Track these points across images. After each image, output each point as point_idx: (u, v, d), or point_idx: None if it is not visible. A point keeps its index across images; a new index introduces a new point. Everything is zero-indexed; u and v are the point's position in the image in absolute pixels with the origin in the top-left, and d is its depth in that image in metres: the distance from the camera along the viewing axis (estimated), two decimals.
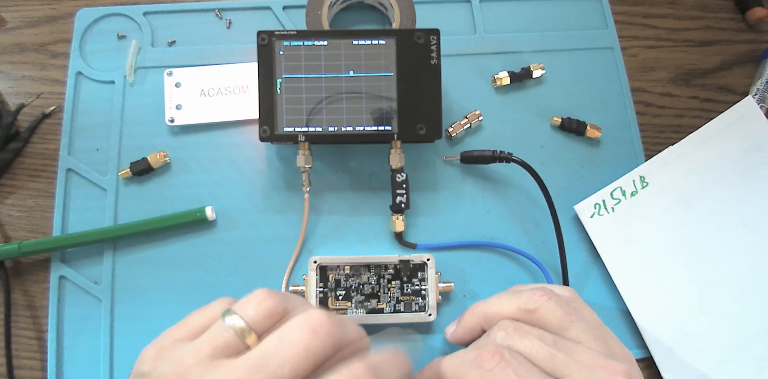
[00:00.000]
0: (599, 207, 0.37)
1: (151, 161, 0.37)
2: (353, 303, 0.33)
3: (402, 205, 0.35)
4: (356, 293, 0.33)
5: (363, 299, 0.33)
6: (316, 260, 0.33)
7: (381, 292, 0.33)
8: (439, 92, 0.34)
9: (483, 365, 0.24)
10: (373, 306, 0.33)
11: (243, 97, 0.38)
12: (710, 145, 0.38)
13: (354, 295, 0.33)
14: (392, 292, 0.33)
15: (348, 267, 0.33)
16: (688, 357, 0.34)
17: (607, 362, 0.24)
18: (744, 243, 0.36)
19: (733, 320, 0.35)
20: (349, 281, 0.33)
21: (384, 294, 0.33)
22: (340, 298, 0.32)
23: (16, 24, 0.42)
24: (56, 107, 0.40)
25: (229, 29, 0.41)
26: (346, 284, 0.33)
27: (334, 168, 0.38)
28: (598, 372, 0.24)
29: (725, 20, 0.44)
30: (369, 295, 0.33)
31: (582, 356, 0.25)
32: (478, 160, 0.37)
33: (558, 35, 0.41)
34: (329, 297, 0.32)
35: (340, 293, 0.33)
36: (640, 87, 0.42)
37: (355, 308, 0.32)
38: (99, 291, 0.35)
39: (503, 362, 0.24)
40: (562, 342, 0.26)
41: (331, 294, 0.33)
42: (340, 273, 0.33)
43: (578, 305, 0.29)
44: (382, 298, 0.33)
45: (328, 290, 0.33)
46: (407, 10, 0.38)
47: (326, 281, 0.33)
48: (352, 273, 0.33)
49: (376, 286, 0.33)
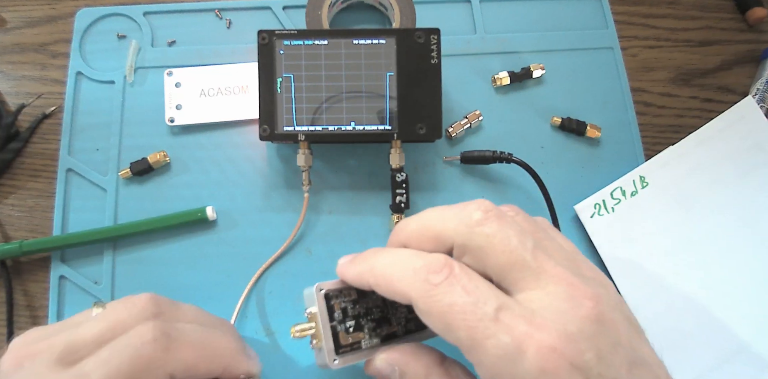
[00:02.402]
0: (599, 207, 0.37)
1: (151, 161, 0.37)
2: (365, 333, 0.27)
3: (402, 205, 0.35)
4: (367, 321, 0.27)
5: (374, 325, 0.27)
6: (321, 286, 0.26)
7: (390, 314, 0.28)
8: (439, 92, 0.34)
9: (429, 278, 0.21)
10: (387, 332, 0.27)
11: (243, 97, 0.38)
12: (710, 145, 0.38)
13: (365, 323, 0.27)
14: (400, 310, 0.28)
15: (355, 291, 0.27)
16: (688, 357, 0.34)
17: (577, 280, 0.21)
18: (744, 243, 0.36)
19: (733, 320, 0.35)
20: (356, 308, 0.27)
21: (394, 316, 0.28)
22: (351, 330, 0.26)
23: (16, 24, 0.42)
24: (56, 107, 0.40)
25: (229, 29, 0.41)
26: (353, 311, 0.27)
27: (334, 167, 0.38)
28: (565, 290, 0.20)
29: (725, 20, 0.44)
30: (380, 320, 0.27)
31: (553, 269, 0.21)
32: (478, 161, 0.37)
33: (558, 35, 0.41)
34: (339, 331, 0.26)
35: (350, 324, 0.26)
36: (640, 87, 0.42)
37: (370, 338, 0.27)
38: (99, 291, 0.35)
39: (452, 277, 0.21)
40: (540, 248, 0.22)
41: (341, 327, 0.26)
42: (345, 300, 0.27)
43: (552, 232, 0.25)
44: (393, 320, 0.28)
45: (337, 322, 0.26)
46: (407, 10, 0.38)
47: (332, 313, 0.26)
48: (359, 296, 0.27)
49: (384, 307, 0.28)
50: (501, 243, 0.21)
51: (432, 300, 0.21)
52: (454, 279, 0.21)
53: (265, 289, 0.35)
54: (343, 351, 0.26)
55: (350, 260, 0.26)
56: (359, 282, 0.25)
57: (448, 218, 0.23)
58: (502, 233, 0.22)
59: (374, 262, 0.24)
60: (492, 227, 0.22)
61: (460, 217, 0.23)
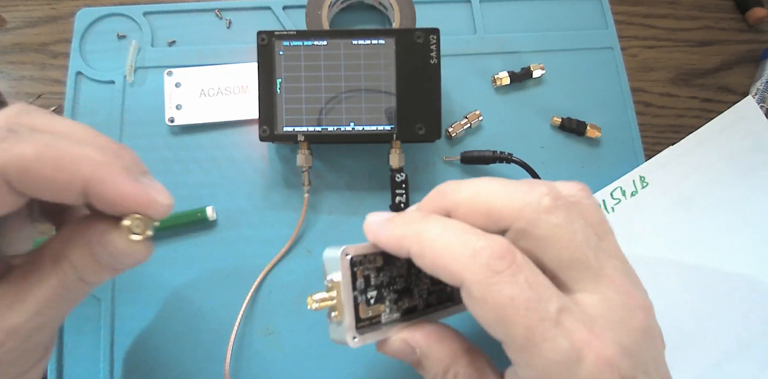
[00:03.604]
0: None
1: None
2: (387, 306, 0.24)
3: (401, 205, 0.35)
4: (389, 292, 0.24)
5: (396, 297, 0.24)
6: (348, 251, 0.22)
7: (413, 284, 0.25)
8: (438, 92, 0.34)
9: (491, 263, 0.19)
10: (408, 305, 0.24)
11: (243, 97, 0.38)
12: (710, 145, 0.38)
13: (386, 294, 0.24)
14: (423, 282, 0.25)
15: (380, 258, 0.24)
16: (688, 357, 0.34)
17: (634, 290, 0.20)
18: (744, 243, 0.36)
19: (733, 320, 0.35)
20: (380, 277, 0.24)
21: (416, 287, 0.25)
22: (372, 302, 0.23)
23: (16, 24, 0.42)
24: (56, 107, 0.40)
25: (229, 29, 0.41)
26: (377, 281, 0.24)
27: (333, 167, 0.38)
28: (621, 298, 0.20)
29: (725, 20, 0.44)
30: (401, 292, 0.24)
31: (613, 273, 0.20)
32: (478, 161, 0.37)
33: (558, 35, 0.41)
34: (359, 303, 0.23)
35: (371, 295, 0.23)
36: (640, 87, 0.42)
37: (390, 312, 0.24)
38: (99, 291, 0.35)
39: (516, 266, 0.19)
40: (602, 250, 0.20)
41: (362, 298, 0.23)
42: (369, 266, 0.23)
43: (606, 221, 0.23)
44: (415, 292, 0.25)
45: (358, 293, 0.23)
46: (407, 10, 0.38)
47: (354, 282, 0.23)
48: (385, 263, 0.24)
49: (408, 277, 0.25)
50: (566, 237, 0.20)
51: (491, 289, 0.18)
52: (518, 269, 0.19)
53: (265, 289, 0.35)
54: (362, 326, 0.23)
55: (387, 219, 0.22)
56: (395, 248, 0.22)
57: (513, 195, 0.20)
58: (570, 225, 0.20)
59: (422, 229, 0.21)
60: (560, 216, 0.20)
61: (527, 198, 0.20)
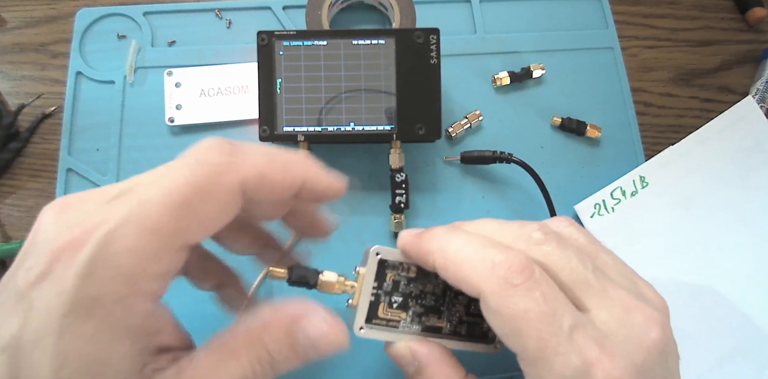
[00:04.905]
0: (599, 207, 0.37)
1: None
2: (409, 315, 0.25)
3: (401, 205, 0.35)
4: (415, 303, 0.25)
5: (422, 311, 0.25)
6: (379, 251, 0.24)
7: (444, 307, 0.25)
8: (438, 92, 0.34)
9: (509, 276, 0.20)
10: (432, 323, 0.25)
11: (243, 97, 0.38)
12: (710, 145, 0.38)
13: (412, 305, 0.25)
14: (457, 308, 0.26)
15: (415, 269, 0.25)
16: (688, 357, 0.34)
17: (643, 305, 0.20)
18: (744, 243, 0.36)
19: (733, 320, 0.35)
20: (410, 286, 0.25)
21: (447, 310, 0.25)
22: (394, 306, 0.25)
23: (16, 24, 0.42)
24: (56, 107, 0.40)
25: (229, 29, 0.41)
26: (405, 289, 0.25)
27: (333, 168, 0.38)
28: (631, 314, 0.20)
29: (725, 20, 0.44)
30: (430, 308, 0.25)
31: (616, 291, 0.21)
32: (478, 161, 0.37)
33: (558, 35, 0.41)
34: (381, 302, 0.25)
35: (395, 300, 0.25)
36: (640, 87, 0.42)
37: (410, 322, 0.25)
38: None
39: (532, 281, 0.19)
40: (599, 270, 0.21)
41: (385, 299, 0.25)
42: (402, 274, 0.25)
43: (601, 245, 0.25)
44: (444, 315, 0.25)
45: (382, 293, 0.25)
46: (407, 10, 0.38)
47: (381, 282, 0.25)
48: (418, 276, 0.25)
49: (441, 297, 0.25)
50: (561, 261, 0.21)
51: (507, 301, 0.19)
52: (535, 283, 0.19)
53: (265, 290, 0.35)
54: (377, 323, 0.24)
55: (417, 234, 0.24)
56: (423, 261, 0.23)
57: (506, 231, 0.22)
58: (562, 252, 0.21)
59: (447, 244, 0.22)
60: (551, 246, 0.21)
61: (518, 233, 0.22)
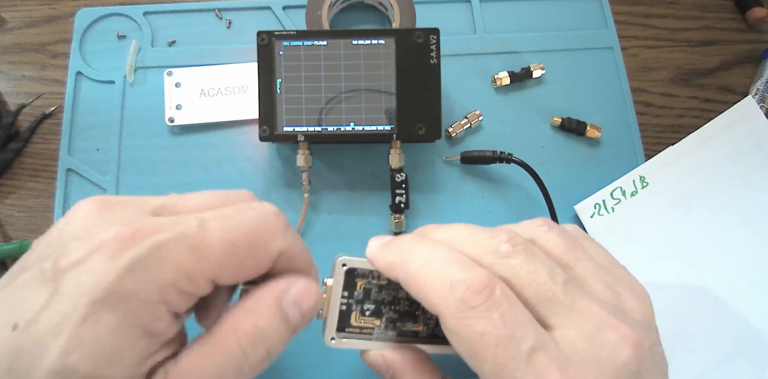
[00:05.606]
0: (599, 207, 0.37)
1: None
2: (383, 322, 0.24)
3: (401, 205, 0.35)
4: (389, 310, 0.25)
5: (396, 317, 0.25)
6: (345, 262, 0.24)
7: (420, 311, 0.25)
8: (438, 92, 0.34)
9: (466, 297, 0.19)
10: (408, 328, 0.25)
11: (243, 97, 0.38)
12: (710, 145, 0.38)
13: (385, 312, 0.24)
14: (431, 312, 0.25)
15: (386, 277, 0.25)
16: (688, 357, 0.34)
17: (616, 321, 0.19)
18: (744, 243, 0.36)
19: (733, 320, 0.35)
20: (382, 294, 0.24)
21: (423, 314, 0.25)
22: (366, 313, 0.24)
23: (16, 24, 0.42)
24: (56, 107, 0.40)
25: (229, 29, 0.41)
26: (377, 296, 0.24)
27: (333, 167, 0.38)
28: (602, 332, 0.19)
29: (725, 20, 0.44)
30: (404, 313, 0.25)
31: (589, 306, 0.20)
32: (478, 161, 0.37)
33: (558, 35, 0.41)
34: (353, 311, 0.24)
35: (368, 307, 0.24)
36: (640, 87, 0.42)
37: (385, 328, 0.24)
38: None
39: (491, 302, 0.19)
40: (572, 284, 0.20)
41: (356, 307, 0.24)
42: (373, 282, 0.24)
43: (585, 242, 0.24)
44: (420, 318, 0.25)
45: (354, 301, 0.24)
46: (407, 10, 0.38)
47: (352, 290, 0.24)
48: (390, 283, 0.25)
49: (415, 302, 0.24)
50: (529, 276, 0.20)
51: (464, 323, 0.19)
52: (493, 304, 0.19)
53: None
54: (350, 331, 0.24)
55: (383, 244, 0.23)
56: (388, 273, 0.23)
57: (474, 242, 0.22)
58: (529, 265, 0.20)
59: (409, 257, 0.21)
60: (519, 259, 0.20)
61: (486, 245, 0.21)
